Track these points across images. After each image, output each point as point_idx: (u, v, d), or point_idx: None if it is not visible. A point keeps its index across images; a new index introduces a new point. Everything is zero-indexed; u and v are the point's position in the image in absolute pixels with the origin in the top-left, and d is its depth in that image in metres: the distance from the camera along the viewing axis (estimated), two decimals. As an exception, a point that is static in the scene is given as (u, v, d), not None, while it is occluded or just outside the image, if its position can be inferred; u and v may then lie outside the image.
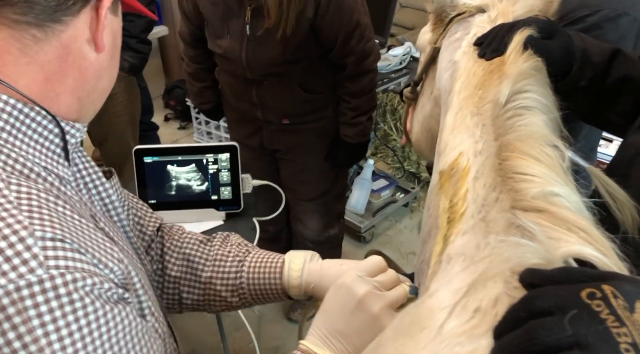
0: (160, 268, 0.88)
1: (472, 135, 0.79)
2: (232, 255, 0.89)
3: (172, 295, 0.89)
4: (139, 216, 0.85)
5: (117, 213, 0.69)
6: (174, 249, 0.89)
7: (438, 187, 0.82)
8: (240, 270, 0.87)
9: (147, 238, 0.86)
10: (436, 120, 1.14)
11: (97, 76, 0.61)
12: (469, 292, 0.46)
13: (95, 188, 0.66)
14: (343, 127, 1.83)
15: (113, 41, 0.63)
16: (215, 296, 0.88)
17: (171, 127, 3.91)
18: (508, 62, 0.82)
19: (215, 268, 0.88)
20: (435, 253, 0.69)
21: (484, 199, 0.65)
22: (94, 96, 0.63)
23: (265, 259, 0.88)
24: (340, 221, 2.17)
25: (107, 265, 0.55)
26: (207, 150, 1.66)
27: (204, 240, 0.91)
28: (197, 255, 0.89)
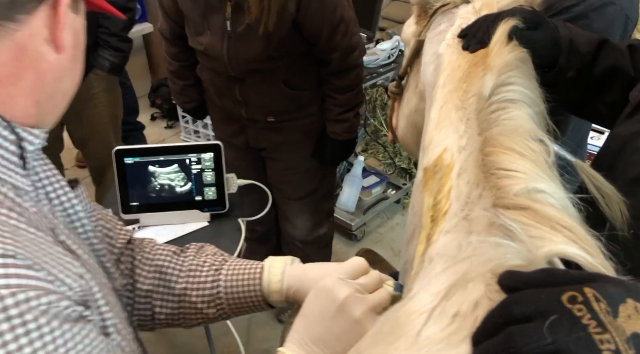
0: (131, 283, 0.84)
1: (456, 130, 0.76)
2: (208, 264, 0.85)
3: (144, 310, 0.84)
4: (107, 228, 0.82)
5: (82, 225, 0.65)
6: (145, 262, 0.85)
7: (422, 185, 0.79)
8: (217, 279, 0.83)
9: (116, 251, 0.82)
10: (422, 114, 1.12)
11: (58, 78, 0.57)
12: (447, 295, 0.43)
13: (58, 198, 0.62)
14: (330, 123, 1.79)
15: (75, 41, 0.59)
16: (191, 309, 0.84)
17: (158, 126, 3.87)
18: (492, 53, 0.80)
19: (190, 278, 0.84)
20: (418, 253, 0.66)
21: (467, 196, 0.62)
22: (55, 100, 0.59)
23: (244, 266, 0.84)
24: (329, 220, 2.14)
25: (64, 282, 0.51)
26: (190, 150, 1.62)
27: (177, 250, 0.87)
28: (170, 265, 0.85)
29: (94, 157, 2.37)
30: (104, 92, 2.23)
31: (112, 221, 0.83)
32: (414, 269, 0.65)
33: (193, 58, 1.80)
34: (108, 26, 2.06)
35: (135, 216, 1.65)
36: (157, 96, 3.89)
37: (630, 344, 0.29)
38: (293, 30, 1.55)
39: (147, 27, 3.52)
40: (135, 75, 3.60)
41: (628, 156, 0.85)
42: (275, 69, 1.64)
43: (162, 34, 1.81)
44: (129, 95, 3.10)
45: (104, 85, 2.21)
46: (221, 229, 1.67)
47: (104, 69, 2.12)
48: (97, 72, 2.14)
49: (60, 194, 0.62)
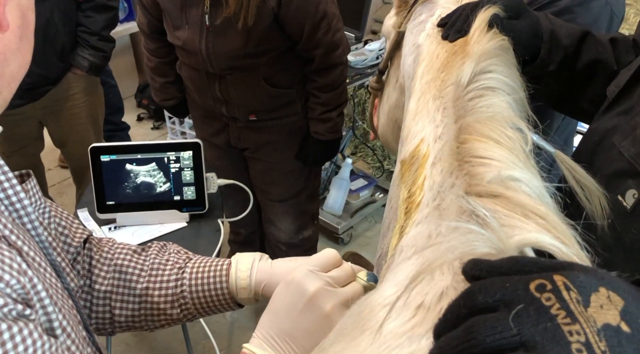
0: (88, 284, 0.79)
1: (432, 120, 0.73)
2: (171, 263, 0.80)
3: (103, 312, 0.80)
4: (62, 226, 0.77)
5: (31, 221, 0.60)
6: (104, 261, 0.80)
7: (399, 177, 0.76)
8: (180, 278, 0.79)
9: (72, 250, 0.77)
10: (402, 109, 1.08)
11: (3, 61, 0.53)
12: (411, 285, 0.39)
13: (4, 191, 0.57)
14: (313, 123, 1.75)
15: (22, 19, 0.54)
16: (153, 310, 0.79)
17: (144, 127, 3.82)
18: (472, 41, 0.77)
19: (151, 278, 0.79)
20: (391, 246, 0.62)
21: (440, 185, 0.59)
22: (3, 84, 0.54)
23: (209, 263, 0.79)
24: (314, 223, 2.10)
25: (1, 278, 0.47)
26: (168, 148, 1.58)
27: (137, 249, 0.83)
28: (130, 265, 0.80)
29: (74, 157, 2.32)
30: (83, 92, 2.17)
31: (67, 219, 0.78)
32: (387, 262, 0.61)
33: (173, 54, 1.76)
34: (88, 25, 2.01)
35: (112, 215, 1.61)
36: (143, 96, 3.84)
37: (602, 336, 0.25)
38: (274, 26, 1.51)
39: (134, 26, 3.47)
40: (122, 75, 3.56)
41: (605, 152, 0.82)
42: (256, 66, 1.60)
43: (141, 29, 1.77)
44: (113, 95, 3.05)
45: (83, 85, 2.16)
46: (200, 230, 1.63)
47: (82, 69, 2.07)
48: (76, 72, 2.09)
49: (6, 187, 0.57)
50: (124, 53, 3.91)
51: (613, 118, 0.84)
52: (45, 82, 2.02)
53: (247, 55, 1.54)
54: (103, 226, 1.61)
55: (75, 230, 0.78)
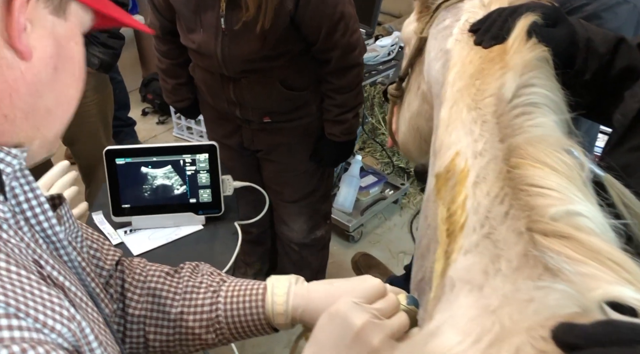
0: (121, 308, 0.78)
1: (469, 132, 0.71)
2: (205, 285, 0.79)
3: (137, 337, 0.78)
4: (94, 249, 0.75)
5: (67, 253, 0.58)
6: (137, 284, 0.79)
7: (435, 193, 0.74)
8: (215, 302, 0.77)
9: (105, 273, 0.76)
10: (425, 117, 1.07)
11: (34, 92, 0.49)
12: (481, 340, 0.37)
13: (39, 224, 0.55)
14: (328, 124, 1.73)
15: (56, 49, 0.50)
16: (188, 335, 0.78)
17: (149, 121, 3.79)
18: (511, 51, 0.74)
19: (186, 302, 0.78)
20: (436, 272, 0.60)
21: (487, 210, 0.56)
22: (36, 118, 0.50)
23: (244, 287, 0.78)
24: (327, 222, 2.08)
25: (54, 329, 0.45)
26: (184, 150, 1.56)
27: (170, 271, 0.81)
28: (164, 288, 0.79)
29: (83, 155, 2.29)
30: (93, 90, 2.14)
31: (98, 241, 0.77)
32: (433, 291, 0.59)
33: (185, 55, 1.73)
34: (98, 21, 1.99)
35: (127, 219, 1.59)
36: (148, 91, 3.80)
37: None
38: (291, 28, 1.48)
39: (139, 19, 3.44)
40: (126, 69, 3.53)
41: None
42: (271, 69, 1.57)
43: (153, 31, 1.74)
44: (120, 90, 3.03)
45: (92, 82, 2.12)
46: (216, 233, 1.61)
47: (92, 66, 2.04)
48: None
49: (41, 220, 0.55)
50: (128, 47, 3.86)
51: (625, 154, 0.81)
52: (55, 81, 1.99)
53: (263, 58, 1.52)
54: (118, 229, 1.59)
55: (106, 253, 0.77)
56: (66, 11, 0.51)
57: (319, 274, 2.20)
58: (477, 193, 0.60)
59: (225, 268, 1.47)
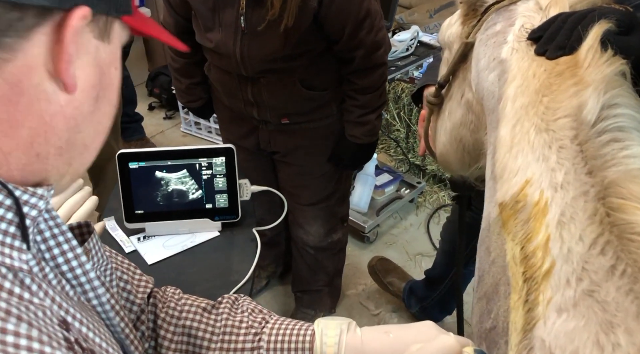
0: (153, 346, 0.71)
1: (543, 159, 0.63)
2: (245, 326, 0.72)
3: None
4: (124, 280, 0.68)
5: (97, 296, 0.51)
6: (170, 321, 0.72)
7: (499, 225, 0.66)
8: (257, 346, 0.70)
9: (135, 309, 0.69)
10: (469, 129, 0.99)
11: (73, 127, 0.42)
12: None
13: (67, 264, 0.48)
14: (349, 126, 1.65)
15: (99, 77, 0.43)
16: None
17: (156, 116, 3.71)
18: (585, 63, 0.66)
19: (224, 344, 0.71)
20: (514, 325, 0.53)
21: (583, 260, 0.49)
22: (72, 154, 0.43)
23: (290, 331, 0.71)
24: (344, 225, 2.01)
25: None
26: (200, 154, 1.48)
27: (207, 307, 0.74)
28: (200, 327, 0.72)
29: (92, 156, 2.21)
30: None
31: (129, 271, 0.70)
32: (513, 351, 0.51)
33: (200, 53, 1.64)
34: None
35: (141, 225, 1.52)
36: (155, 85, 3.72)
37: None
38: (313, 26, 1.40)
39: (145, 12, 3.34)
40: (132, 63, 3.44)
41: None
42: (291, 68, 1.49)
43: (167, 29, 1.65)
44: (126, 86, 2.95)
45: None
46: (233, 240, 1.54)
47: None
48: None
49: (70, 258, 0.48)
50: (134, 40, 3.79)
51: None
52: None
53: (284, 58, 1.43)
54: (132, 236, 1.52)
55: (137, 284, 0.70)
56: (109, 33, 0.43)
57: (335, 277, 2.13)
58: (565, 236, 0.52)
59: (245, 278, 1.41)
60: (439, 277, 1.93)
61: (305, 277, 2.10)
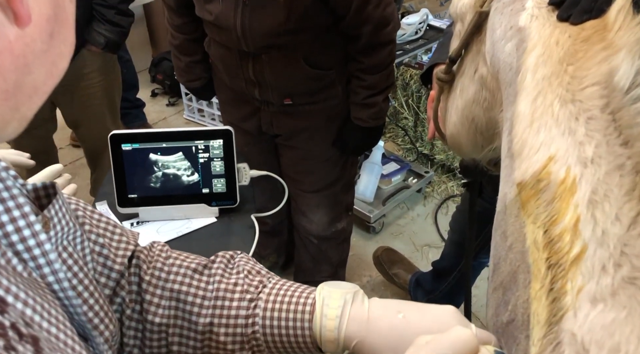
0: (138, 311, 0.64)
1: (569, 132, 0.56)
2: (240, 290, 0.64)
3: (158, 347, 0.65)
4: (100, 244, 0.60)
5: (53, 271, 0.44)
6: (157, 283, 0.64)
7: (518, 206, 0.59)
8: (252, 314, 0.63)
9: (114, 275, 0.61)
10: (483, 106, 0.92)
11: (22, 66, 0.36)
12: None
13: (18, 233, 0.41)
14: (355, 108, 1.57)
15: (54, 9, 0.37)
16: (219, 350, 0.64)
17: (159, 103, 3.65)
18: (615, 26, 0.59)
19: (216, 310, 0.64)
20: (537, 317, 0.46)
21: (623, 243, 0.41)
22: (19, 98, 0.37)
23: (288, 299, 0.63)
24: (348, 214, 1.94)
25: None
26: (196, 136, 1.41)
27: (198, 267, 0.66)
28: (190, 291, 0.64)
29: (88, 139, 2.16)
30: (99, 71, 2.00)
31: (106, 232, 0.62)
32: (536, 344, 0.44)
33: (200, 30, 1.57)
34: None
35: (134, 210, 1.46)
36: (158, 71, 3.66)
37: None
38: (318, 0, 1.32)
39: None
40: (135, 49, 3.38)
41: None
42: (295, 44, 1.41)
43: (166, 3, 1.58)
44: (128, 70, 2.89)
45: (98, 63, 1.99)
46: (231, 226, 1.48)
47: (98, 46, 1.90)
48: (91, 49, 1.92)
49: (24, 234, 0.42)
50: (137, 24, 3.71)
51: None
52: (57, 60, 1.85)
53: (287, 32, 1.36)
54: (124, 221, 1.46)
55: (117, 246, 0.62)
56: None
57: (339, 268, 2.07)
58: (599, 217, 0.45)
59: (242, 267, 1.34)
60: (447, 269, 1.86)
61: (309, 268, 2.03)
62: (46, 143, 2.16)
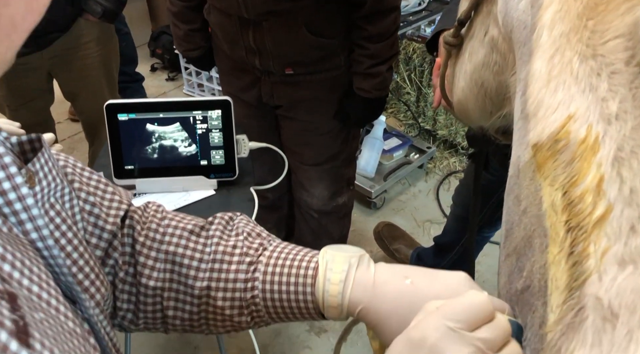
0: (132, 273, 0.61)
1: (590, 89, 0.52)
2: (239, 253, 0.61)
3: (153, 311, 0.62)
4: (91, 203, 0.57)
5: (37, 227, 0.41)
6: (152, 245, 0.61)
7: (533, 169, 0.55)
8: (252, 278, 0.60)
9: (106, 235, 0.58)
10: (493, 70, 0.88)
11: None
12: None
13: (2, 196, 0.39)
14: (357, 78, 1.53)
15: None
16: (217, 315, 0.61)
17: (158, 78, 3.60)
18: (639, -25, 0.55)
19: (214, 274, 0.60)
20: (557, 283, 0.43)
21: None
22: None
23: (290, 262, 0.60)
24: (350, 189, 1.91)
25: None
26: (194, 106, 1.38)
27: (195, 228, 0.63)
28: (186, 254, 0.61)
29: (86, 112, 2.12)
30: (96, 41, 1.96)
31: (97, 190, 0.58)
32: (555, 311, 0.41)
33: (200, -4, 1.52)
34: (101, -36, 1.78)
35: (131, 181, 1.43)
36: (157, 45, 3.60)
37: None
38: (320, -37, 1.27)
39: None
40: (134, 23, 3.31)
41: None
42: (297, 11, 1.37)
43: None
44: (127, 44, 2.83)
45: (95, 33, 1.94)
46: (230, 199, 1.45)
47: (95, 15, 1.85)
48: (88, 18, 1.87)
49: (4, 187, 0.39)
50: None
51: None
52: (54, 29, 1.81)
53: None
54: (121, 191, 1.43)
55: (108, 205, 0.59)
56: None
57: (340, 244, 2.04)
58: (625, 175, 0.41)
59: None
60: (449, 244, 1.83)
61: (309, 243, 2.01)
62: (44, 116, 2.12)
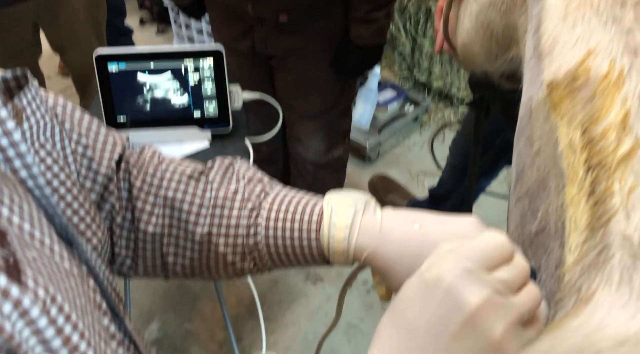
0: (130, 219, 0.59)
1: (613, 21, 0.49)
2: (241, 198, 0.58)
3: (152, 258, 0.60)
4: (84, 145, 0.54)
5: (26, 165, 0.39)
6: (149, 190, 0.59)
7: (547, 108, 0.53)
8: (254, 223, 0.58)
9: (100, 179, 0.55)
10: (500, 10, 0.84)
11: None
12: None
13: None
14: (355, 25, 1.48)
15: None
16: (219, 261, 0.59)
17: (147, 31, 3.51)
18: None
19: (215, 219, 0.58)
20: (577, 223, 0.41)
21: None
22: None
23: (293, 208, 0.57)
24: (345, 142, 1.88)
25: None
26: (185, 55, 1.33)
27: (194, 173, 0.60)
28: (185, 199, 0.58)
29: (75, 65, 2.07)
30: (82, -10, 1.89)
31: (89, 132, 0.55)
32: (572, 252, 0.40)
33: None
34: None
35: (124, 133, 1.38)
36: (146, -3, 3.48)
37: None
38: None
39: None
40: (120, -29, 3.19)
41: None
42: (291, -47, 1.30)
43: None
44: (113, -7, 2.72)
45: (80, -17, 1.86)
46: (225, 151, 1.42)
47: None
48: None
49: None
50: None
51: None
52: (38, -22, 1.73)
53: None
54: (116, 138, 1.40)
55: (102, 148, 0.56)
56: None
57: (344, 190, 2.03)
58: (653, 108, 0.39)
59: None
60: (444, 194, 1.82)
61: (308, 195, 2.00)
62: (32, 69, 2.06)
